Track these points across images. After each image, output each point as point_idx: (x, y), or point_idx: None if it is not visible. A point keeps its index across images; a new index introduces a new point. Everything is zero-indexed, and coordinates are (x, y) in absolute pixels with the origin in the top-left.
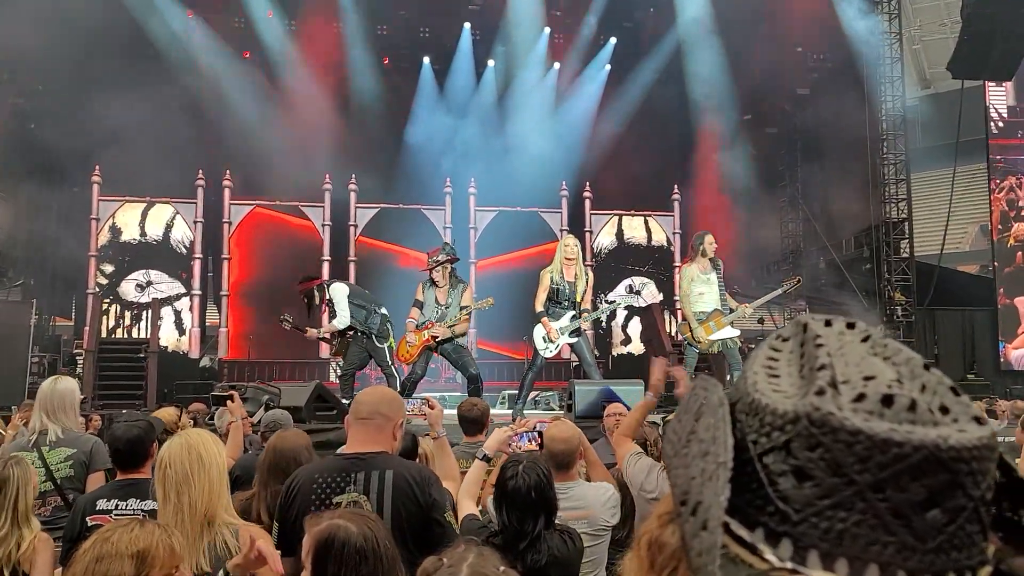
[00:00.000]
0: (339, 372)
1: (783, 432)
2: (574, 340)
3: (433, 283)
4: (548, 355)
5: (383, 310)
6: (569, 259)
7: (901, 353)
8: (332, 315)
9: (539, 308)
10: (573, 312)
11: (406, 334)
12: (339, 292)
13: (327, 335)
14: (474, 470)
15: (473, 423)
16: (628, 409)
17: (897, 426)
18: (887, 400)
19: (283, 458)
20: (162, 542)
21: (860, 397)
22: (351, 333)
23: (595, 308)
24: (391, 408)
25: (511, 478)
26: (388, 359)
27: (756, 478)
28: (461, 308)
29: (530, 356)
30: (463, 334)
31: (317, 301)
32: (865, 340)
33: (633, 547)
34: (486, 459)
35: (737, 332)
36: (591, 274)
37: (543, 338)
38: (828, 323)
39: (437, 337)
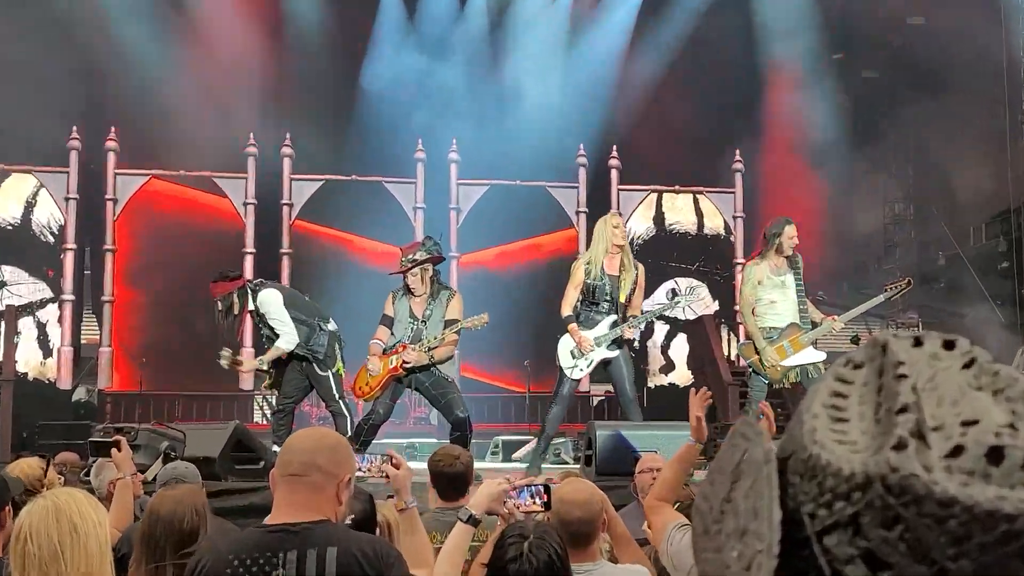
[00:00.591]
0: (272, 408)
1: (849, 502)
2: (613, 354)
3: (408, 291)
4: (578, 376)
5: (331, 326)
6: (616, 245)
7: (1018, 384)
8: (261, 333)
9: (567, 312)
10: (614, 317)
11: (367, 360)
12: (272, 302)
13: (268, 365)
14: (456, 536)
15: (452, 482)
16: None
17: (1007, 492)
18: (994, 454)
19: (159, 525)
20: None
21: (956, 451)
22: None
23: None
24: (334, 459)
25: (513, 560)
26: (335, 391)
27: (814, 564)
28: (446, 324)
29: (554, 386)
30: (446, 360)
31: (236, 311)
32: (968, 366)
33: None
34: (472, 522)
35: (822, 356)
36: (642, 268)
37: (571, 352)
38: (917, 342)
39: (409, 363)
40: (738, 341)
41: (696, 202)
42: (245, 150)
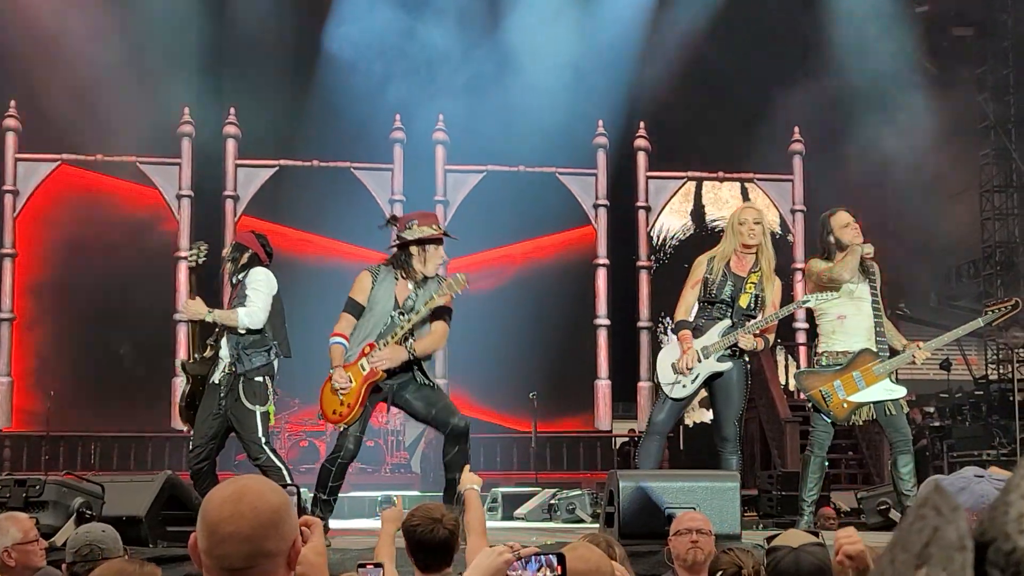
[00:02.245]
0: (189, 455)
1: None
2: (724, 366)
3: (402, 269)
4: (679, 395)
5: (281, 358)
6: (747, 246)
7: None
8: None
9: (679, 315)
10: (728, 323)
11: (331, 375)
12: (265, 281)
13: (213, 321)
14: None
15: (433, 552)
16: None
17: None
18: None
19: None
20: None
21: None
22: (197, 369)
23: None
24: (280, 533)
25: None
26: (260, 434)
27: None
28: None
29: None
30: (429, 355)
31: (232, 266)
32: None
33: None
34: None
35: (902, 391)
36: (778, 283)
37: (674, 365)
38: None
39: (382, 365)
40: (797, 368)
41: (745, 192)
42: (178, 129)
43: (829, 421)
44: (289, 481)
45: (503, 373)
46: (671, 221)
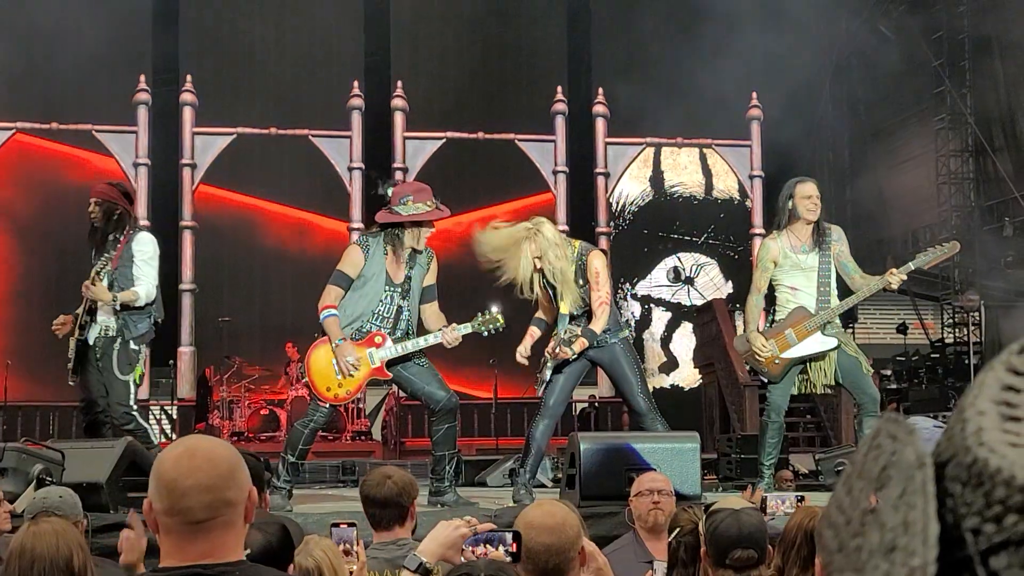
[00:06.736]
0: (82, 404)
1: None
2: (549, 375)
3: (392, 244)
4: (540, 393)
5: (157, 314)
6: (535, 258)
7: None
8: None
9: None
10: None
11: (339, 347)
12: (150, 245)
13: (115, 303)
14: None
15: (381, 507)
16: (673, 485)
17: None
18: None
19: (35, 568)
20: None
21: None
22: (83, 336)
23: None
24: (238, 484)
25: None
26: (132, 401)
27: None
28: (423, 293)
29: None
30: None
31: (100, 223)
32: None
33: None
34: (423, 571)
35: (832, 343)
36: (592, 257)
37: (548, 367)
38: None
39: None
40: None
41: (703, 158)
42: (135, 97)
43: (766, 381)
44: (155, 443)
45: (463, 340)
46: (630, 187)
